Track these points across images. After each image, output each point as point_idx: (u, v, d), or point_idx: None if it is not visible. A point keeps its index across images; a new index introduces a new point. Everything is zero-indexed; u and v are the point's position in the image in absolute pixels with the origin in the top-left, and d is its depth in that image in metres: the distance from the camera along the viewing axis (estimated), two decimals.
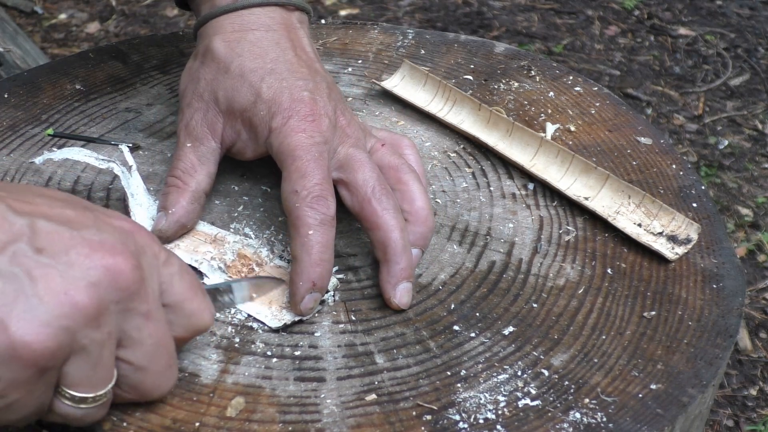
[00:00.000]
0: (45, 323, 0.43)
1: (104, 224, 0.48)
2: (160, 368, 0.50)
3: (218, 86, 0.67)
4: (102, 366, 0.47)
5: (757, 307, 1.73)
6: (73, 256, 0.45)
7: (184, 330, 0.52)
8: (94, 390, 0.47)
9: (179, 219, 0.64)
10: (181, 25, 2.61)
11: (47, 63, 0.90)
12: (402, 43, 0.96)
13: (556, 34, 2.61)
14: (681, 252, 0.67)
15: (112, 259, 0.46)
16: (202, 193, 0.66)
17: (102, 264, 0.46)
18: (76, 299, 0.44)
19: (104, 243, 0.46)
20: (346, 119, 0.67)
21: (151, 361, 0.49)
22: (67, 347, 0.45)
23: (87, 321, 0.45)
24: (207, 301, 0.53)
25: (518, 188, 0.74)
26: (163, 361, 0.50)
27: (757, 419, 1.51)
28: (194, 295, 0.51)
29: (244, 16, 0.69)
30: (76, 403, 0.47)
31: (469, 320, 0.61)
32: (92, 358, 0.46)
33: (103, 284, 0.45)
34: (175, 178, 0.66)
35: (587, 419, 0.54)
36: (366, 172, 0.62)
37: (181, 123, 0.68)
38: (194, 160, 0.67)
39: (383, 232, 0.61)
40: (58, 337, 0.44)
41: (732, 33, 2.64)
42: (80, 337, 0.45)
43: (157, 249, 0.50)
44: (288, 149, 0.62)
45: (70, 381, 0.46)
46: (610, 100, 0.87)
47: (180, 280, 0.51)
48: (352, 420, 0.53)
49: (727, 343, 0.60)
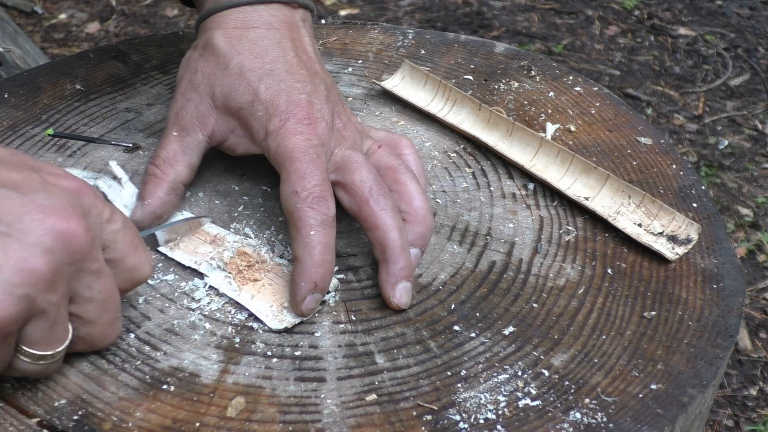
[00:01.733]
0: (6, 292, 0.45)
1: (52, 186, 0.50)
2: (108, 320, 0.53)
3: (216, 81, 0.67)
4: (59, 325, 0.50)
5: (757, 307, 1.73)
6: (27, 223, 0.47)
7: (125, 282, 0.54)
8: (52, 348, 0.50)
9: (154, 210, 0.66)
10: (181, 25, 2.61)
11: (47, 63, 0.90)
12: (402, 43, 0.96)
13: (556, 34, 2.61)
14: (681, 252, 0.67)
15: (65, 223, 0.48)
16: (180, 184, 0.67)
17: (56, 229, 0.47)
18: (34, 266, 0.46)
19: (55, 207, 0.48)
20: (342, 122, 0.67)
21: (101, 315, 0.52)
22: (27, 312, 0.47)
23: (45, 286, 0.47)
24: (147, 254, 0.55)
25: (518, 188, 0.74)
26: (111, 314, 0.53)
27: (757, 419, 1.51)
28: (135, 250, 0.54)
29: (246, 12, 0.69)
30: (35, 360, 0.50)
31: (469, 320, 0.61)
32: (50, 319, 0.48)
33: (58, 249, 0.47)
34: (154, 167, 0.67)
35: (587, 419, 0.54)
36: (363, 173, 0.63)
37: (171, 110, 0.69)
38: (177, 150, 0.67)
39: (381, 232, 0.61)
40: (20, 305, 0.46)
41: (732, 33, 2.64)
42: (39, 302, 0.47)
43: (101, 206, 0.52)
44: (285, 152, 0.62)
45: (29, 341, 0.49)
46: (610, 100, 0.87)
47: (123, 236, 0.53)
48: (352, 420, 0.53)
49: (727, 343, 0.60)
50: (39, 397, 0.53)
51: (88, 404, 0.53)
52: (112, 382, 0.55)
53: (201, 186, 0.72)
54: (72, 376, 0.55)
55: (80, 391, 0.54)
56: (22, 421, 0.52)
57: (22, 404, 0.53)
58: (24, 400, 0.53)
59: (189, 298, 0.61)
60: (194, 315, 0.60)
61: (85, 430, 0.51)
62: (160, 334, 0.58)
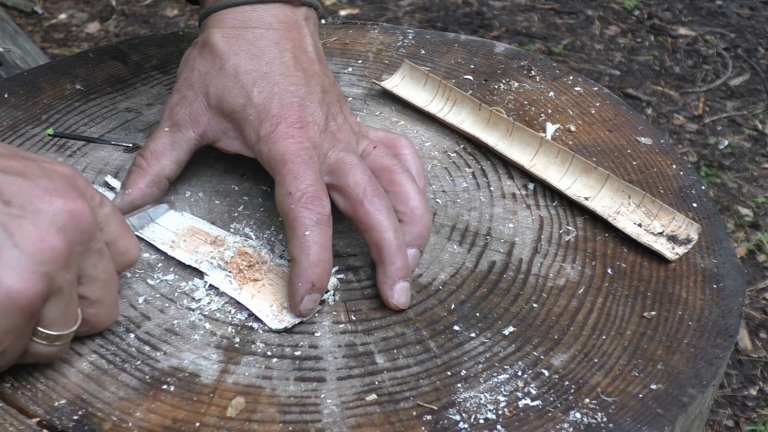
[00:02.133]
0: (31, 271, 0.47)
1: (50, 172, 0.52)
2: (111, 301, 0.55)
3: (211, 81, 0.67)
4: (72, 303, 0.51)
5: (757, 307, 1.73)
6: (38, 205, 0.49)
7: (118, 265, 0.56)
8: (66, 327, 0.51)
9: (133, 200, 0.67)
10: (181, 25, 2.61)
11: (47, 63, 0.90)
12: (402, 43, 0.96)
13: (556, 34, 2.61)
14: (681, 252, 0.67)
15: (73, 204, 0.50)
16: (163, 178, 0.68)
17: (65, 209, 0.49)
18: (52, 245, 0.48)
19: (59, 190, 0.50)
20: (337, 124, 0.67)
21: (105, 295, 0.54)
22: (48, 290, 0.48)
23: (62, 264, 0.49)
24: (135, 239, 0.57)
25: (518, 188, 0.74)
26: (113, 294, 0.55)
27: (757, 419, 1.51)
28: (125, 233, 0.56)
29: (246, 12, 0.69)
30: (51, 342, 0.51)
31: (469, 320, 0.61)
32: (65, 297, 0.50)
33: (70, 228, 0.49)
34: (142, 159, 0.68)
35: (587, 419, 0.54)
36: (357, 174, 0.62)
37: (167, 105, 0.70)
38: (167, 144, 0.68)
39: (377, 233, 0.61)
40: (43, 282, 0.48)
41: (732, 33, 2.64)
42: (58, 280, 0.49)
43: (93, 191, 0.54)
44: (277, 155, 0.62)
45: (46, 321, 0.50)
46: (610, 100, 0.87)
47: (114, 219, 0.55)
48: (352, 420, 0.53)
49: (727, 343, 0.60)
50: (39, 397, 0.53)
51: (88, 404, 0.53)
52: (112, 382, 0.55)
53: (201, 186, 0.72)
54: (72, 376, 0.55)
55: (80, 391, 0.54)
56: (22, 421, 0.52)
57: (22, 404, 0.53)
58: (24, 400, 0.53)
59: (189, 298, 0.61)
60: (194, 315, 0.60)
61: (85, 430, 0.51)
62: (160, 334, 0.58)
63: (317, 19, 0.74)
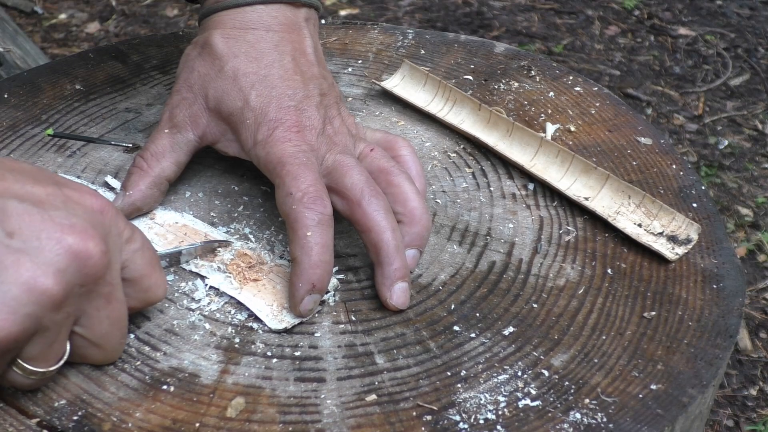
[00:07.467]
0: (12, 310, 0.45)
1: (74, 204, 0.50)
2: (113, 345, 0.53)
3: (209, 84, 0.67)
4: (57, 343, 0.50)
5: (757, 307, 1.73)
6: (44, 240, 0.47)
7: (138, 302, 0.55)
8: (47, 365, 0.50)
9: (134, 202, 0.66)
10: (181, 25, 2.61)
11: (47, 63, 0.90)
12: (402, 43, 0.96)
13: (556, 34, 2.61)
14: (681, 252, 0.67)
15: (83, 244, 0.48)
16: (164, 180, 0.68)
17: (72, 249, 0.47)
18: (44, 286, 0.46)
19: (75, 227, 0.48)
20: (334, 127, 0.67)
21: (106, 340, 0.52)
22: (32, 330, 0.47)
23: (52, 306, 0.47)
24: (162, 276, 0.56)
25: (518, 188, 0.74)
26: (116, 339, 0.53)
27: (757, 419, 1.51)
28: (152, 271, 0.54)
29: (246, 13, 0.69)
30: (27, 375, 0.50)
31: (469, 320, 0.61)
32: (51, 337, 0.48)
33: (71, 269, 0.47)
34: (142, 160, 0.68)
35: (587, 419, 0.54)
36: (354, 176, 0.62)
37: (166, 106, 0.69)
38: (166, 146, 0.68)
39: (374, 233, 0.61)
40: (25, 324, 0.46)
41: (732, 33, 2.64)
42: (45, 321, 0.47)
43: (122, 226, 0.52)
44: (275, 158, 0.62)
45: (26, 356, 0.49)
46: (610, 100, 0.87)
47: (141, 256, 0.53)
48: (352, 420, 0.53)
49: (727, 343, 0.60)
50: (39, 398, 0.53)
51: (88, 404, 0.53)
52: (112, 383, 0.55)
53: (201, 186, 0.72)
54: (72, 376, 0.55)
55: (80, 391, 0.54)
56: (22, 422, 0.52)
57: (22, 404, 0.53)
58: (24, 401, 0.53)
59: (189, 299, 0.61)
60: (194, 315, 0.60)
61: (84, 430, 0.51)
62: (160, 335, 0.58)
63: (318, 20, 0.74)
